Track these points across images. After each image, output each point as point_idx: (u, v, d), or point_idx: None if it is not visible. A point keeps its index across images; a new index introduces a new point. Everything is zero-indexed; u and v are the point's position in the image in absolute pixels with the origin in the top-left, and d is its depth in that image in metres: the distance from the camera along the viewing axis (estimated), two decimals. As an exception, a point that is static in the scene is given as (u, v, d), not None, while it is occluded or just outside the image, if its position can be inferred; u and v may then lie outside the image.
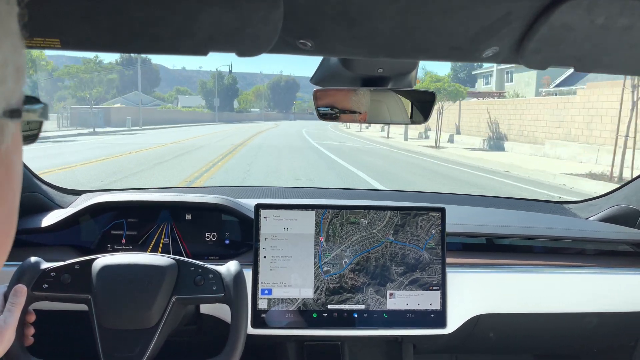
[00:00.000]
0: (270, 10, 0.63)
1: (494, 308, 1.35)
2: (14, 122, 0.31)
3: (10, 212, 0.33)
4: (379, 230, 1.29)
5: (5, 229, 0.33)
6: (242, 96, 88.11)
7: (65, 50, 0.75)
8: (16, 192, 0.33)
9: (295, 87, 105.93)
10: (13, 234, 0.34)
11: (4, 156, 0.31)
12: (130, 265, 1.06)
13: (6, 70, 0.28)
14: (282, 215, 1.28)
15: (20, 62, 0.30)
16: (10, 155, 0.31)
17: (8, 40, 0.29)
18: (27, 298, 1.01)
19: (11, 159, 0.32)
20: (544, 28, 0.67)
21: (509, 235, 1.52)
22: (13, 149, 0.32)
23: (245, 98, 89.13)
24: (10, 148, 0.31)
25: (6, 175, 0.32)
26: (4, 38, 0.28)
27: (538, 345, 1.61)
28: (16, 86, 0.30)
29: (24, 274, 1.03)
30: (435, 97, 1.13)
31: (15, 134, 0.32)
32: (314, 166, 11.79)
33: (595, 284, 1.38)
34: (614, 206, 1.69)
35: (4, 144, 0.30)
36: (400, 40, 0.75)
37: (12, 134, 0.31)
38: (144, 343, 1.02)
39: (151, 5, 0.62)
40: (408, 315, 1.27)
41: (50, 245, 1.39)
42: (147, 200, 1.43)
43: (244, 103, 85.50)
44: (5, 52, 0.28)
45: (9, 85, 0.29)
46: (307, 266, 1.27)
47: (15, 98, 0.30)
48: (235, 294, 1.05)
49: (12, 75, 0.29)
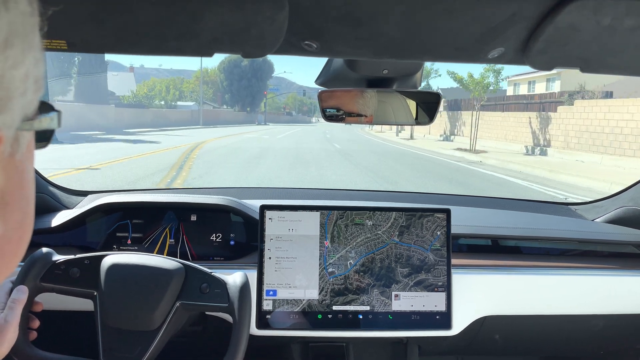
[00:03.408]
0: (276, 12, 0.64)
1: (500, 310, 1.35)
2: (30, 131, 0.31)
3: (24, 218, 0.33)
4: (384, 231, 1.29)
5: (19, 235, 0.33)
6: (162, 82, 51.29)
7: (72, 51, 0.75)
8: (30, 198, 0.34)
9: (266, 71, 60.87)
10: (28, 239, 0.35)
11: (19, 164, 0.31)
12: (139, 266, 1.06)
13: (27, 83, 0.29)
14: (287, 217, 1.28)
15: (40, 73, 0.31)
16: (24, 162, 0.32)
17: (31, 54, 0.29)
18: (35, 288, 1.03)
19: (25, 166, 0.32)
20: (550, 29, 0.67)
21: (514, 237, 1.51)
22: (27, 157, 0.32)
23: (187, 87, 57.57)
24: (25, 156, 0.32)
25: (20, 183, 0.32)
26: (27, 52, 0.29)
27: (544, 348, 1.60)
28: (34, 97, 0.30)
29: (34, 264, 1.04)
30: (440, 98, 1.13)
31: (29, 141, 0.32)
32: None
33: (602, 286, 1.37)
34: (620, 208, 1.68)
35: (20, 152, 0.31)
36: (405, 41, 0.75)
37: (27, 141, 0.32)
38: (145, 345, 1.02)
39: (157, 6, 0.63)
40: (413, 317, 1.27)
41: (57, 245, 1.40)
42: (153, 202, 1.43)
43: (171, 92, 49.43)
44: (28, 66, 0.29)
45: (29, 97, 0.29)
46: (312, 267, 1.27)
47: (32, 108, 0.30)
48: (240, 305, 1.04)
49: (32, 87, 0.30)
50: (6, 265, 0.33)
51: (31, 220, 0.35)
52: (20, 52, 0.28)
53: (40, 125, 0.32)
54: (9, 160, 0.30)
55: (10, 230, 0.32)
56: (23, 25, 0.28)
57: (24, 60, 0.28)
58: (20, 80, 0.28)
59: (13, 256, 0.34)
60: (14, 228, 0.32)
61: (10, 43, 0.27)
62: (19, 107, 0.29)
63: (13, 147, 0.30)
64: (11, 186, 0.31)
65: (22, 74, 0.28)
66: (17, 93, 0.28)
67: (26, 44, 0.29)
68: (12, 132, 0.29)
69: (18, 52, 0.28)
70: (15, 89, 0.28)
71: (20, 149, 0.31)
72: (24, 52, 0.28)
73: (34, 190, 0.34)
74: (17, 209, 0.32)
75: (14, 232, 0.33)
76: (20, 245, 0.34)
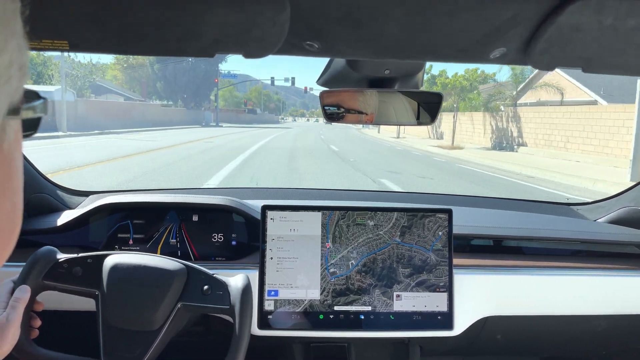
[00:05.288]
0: (277, 12, 0.64)
1: (502, 310, 1.35)
2: (16, 120, 0.31)
3: (13, 208, 0.33)
4: (386, 231, 1.29)
5: (9, 226, 0.33)
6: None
7: (74, 52, 0.75)
8: (18, 188, 0.34)
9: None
10: (17, 231, 0.35)
11: (7, 153, 0.31)
12: (141, 266, 1.06)
13: (11, 70, 0.29)
14: (288, 217, 1.28)
15: (24, 61, 0.30)
16: (12, 152, 0.32)
17: (13, 41, 0.29)
18: (38, 286, 1.03)
19: (13, 155, 0.32)
20: (551, 29, 0.66)
21: (516, 237, 1.51)
22: (15, 145, 0.32)
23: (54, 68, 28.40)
24: (12, 145, 0.31)
25: (9, 172, 0.32)
26: (10, 38, 0.28)
27: (546, 348, 1.60)
28: (19, 85, 0.30)
29: (37, 262, 1.05)
30: (442, 98, 1.13)
31: (16, 130, 0.32)
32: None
33: (604, 286, 1.37)
34: (622, 208, 1.68)
35: (7, 142, 0.30)
36: (407, 41, 0.75)
37: (14, 130, 0.31)
38: (146, 345, 1.02)
39: (159, 7, 0.63)
40: (415, 317, 1.27)
41: (59, 245, 1.40)
42: (155, 202, 1.43)
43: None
44: (11, 53, 0.28)
45: (13, 85, 0.29)
46: (314, 267, 1.27)
47: (17, 96, 0.30)
48: (241, 308, 1.04)
49: (16, 74, 0.29)
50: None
51: (20, 211, 0.34)
52: (3, 39, 0.28)
53: (27, 114, 0.32)
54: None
55: (0, 221, 0.32)
56: (3, 11, 0.28)
57: (7, 47, 0.28)
58: (4, 67, 0.28)
59: (2, 249, 0.33)
60: (4, 219, 0.32)
61: None
62: (5, 95, 0.28)
63: (0, 137, 0.30)
64: (0, 176, 0.31)
65: (5, 61, 0.28)
66: (1, 81, 0.28)
67: (8, 30, 0.28)
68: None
69: (0, 39, 0.27)
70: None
71: (7, 138, 0.30)
72: (6, 39, 0.28)
73: (22, 180, 0.34)
74: (7, 199, 0.32)
75: (4, 223, 0.32)
76: (11, 236, 0.34)
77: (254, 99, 76.56)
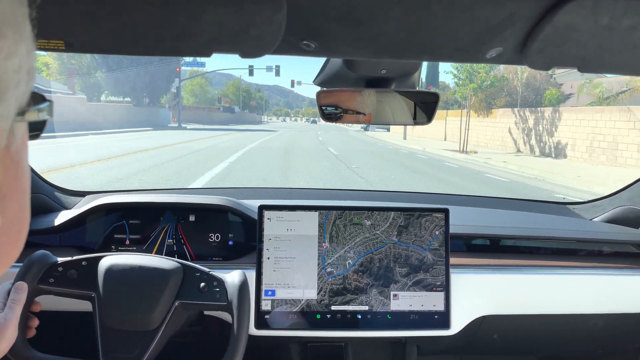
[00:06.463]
0: (274, 12, 0.64)
1: (498, 309, 1.35)
2: (24, 122, 0.31)
3: (21, 209, 0.34)
4: (383, 231, 1.29)
5: (18, 227, 0.34)
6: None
7: (69, 52, 0.75)
8: (26, 190, 0.34)
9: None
10: (26, 231, 0.35)
11: (15, 155, 0.31)
12: (136, 267, 1.06)
13: (20, 74, 0.29)
14: (285, 217, 1.28)
15: (32, 64, 0.31)
16: (20, 154, 0.32)
17: (23, 45, 0.29)
18: (33, 290, 1.02)
19: (21, 157, 0.32)
20: (548, 28, 0.67)
21: (513, 236, 1.52)
22: (22, 148, 0.32)
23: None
24: (19, 147, 0.32)
25: (17, 174, 0.32)
26: (20, 42, 0.29)
27: (542, 347, 1.60)
28: (27, 88, 0.30)
29: (32, 266, 1.04)
30: (438, 98, 1.13)
31: (23, 133, 0.32)
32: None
33: (600, 285, 1.37)
34: (618, 207, 1.69)
35: (15, 144, 0.31)
36: (404, 41, 0.75)
37: (22, 133, 0.32)
38: (144, 345, 1.02)
39: (155, 7, 0.63)
40: (412, 317, 1.27)
41: (55, 246, 1.40)
42: (151, 202, 1.43)
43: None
44: (20, 56, 0.29)
45: (22, 88, 0.29)
46: (311, 267, 1.27)
47: (25, 99, 0.30)
48: (238, 303, 1.04)
49: (25, 78, 0.30)
50: (5, 258, 0.33)
51: (28, 212, 0.35)
52: (13, 43, 0.28)
53: (35, 116, 0.32)
54: (5, 152, 0.30)
55: (8, 222, 0.32)
56: (14, 14, 0.28)
57: (17, 50, 0.28)
58: (14, 71, 0.28)
59: (12, 248, 0.34)
60: (12, 220, 0.33)
61: (3, 34, 0.27)
62: (14, 98, 0.29)
63: (9, 139, 0.30)
64: (8, 178, 0.31)
65: (15, 65, 0.28)
66: (11, 84, 0.28)
67: (18, 34, 0.28)
68: (8, 124, 0.29)
69: (10, 42, 0.28)
70: (9, 81, 0.28)
71: (15, 140, 0.31)
72: (16, 42, 0.28)
73: (30, 182, 0.35)
74: (14, 201, 0.32)
75: (13, 224, 0.33)
76: (19, 237, 0.34)
77: (231, 95, 64.49)
